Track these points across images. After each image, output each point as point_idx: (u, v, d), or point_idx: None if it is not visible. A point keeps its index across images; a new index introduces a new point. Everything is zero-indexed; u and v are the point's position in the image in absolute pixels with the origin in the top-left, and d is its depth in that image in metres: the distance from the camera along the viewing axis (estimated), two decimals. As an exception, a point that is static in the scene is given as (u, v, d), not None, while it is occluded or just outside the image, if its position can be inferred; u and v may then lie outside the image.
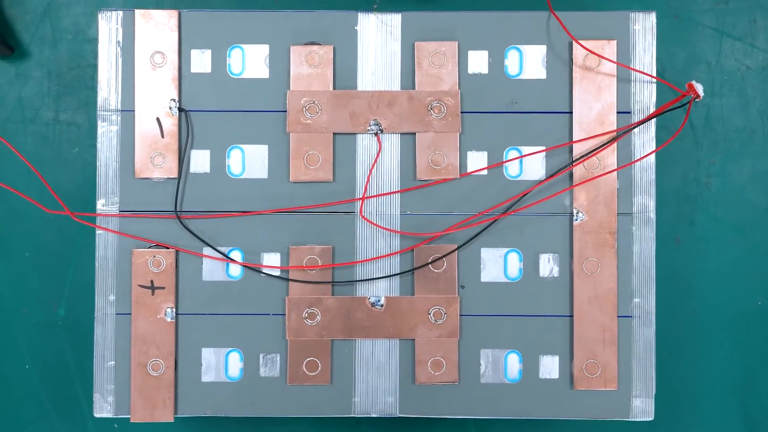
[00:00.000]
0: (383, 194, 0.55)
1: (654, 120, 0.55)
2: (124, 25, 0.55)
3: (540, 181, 0.55)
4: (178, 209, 0.55)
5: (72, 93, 0.63)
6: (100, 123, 0.55)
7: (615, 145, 0.55)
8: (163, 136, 0.55)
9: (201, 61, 0.55)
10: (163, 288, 0.55)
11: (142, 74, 0.55)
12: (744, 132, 0.64)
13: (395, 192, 0.55)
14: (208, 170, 0.55)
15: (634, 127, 0.54)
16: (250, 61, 0.55)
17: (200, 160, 0.55)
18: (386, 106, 0.55)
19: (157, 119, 0.55)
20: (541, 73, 0.55)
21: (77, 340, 0.63)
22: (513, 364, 0.55)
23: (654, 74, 0.55)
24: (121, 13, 0.55)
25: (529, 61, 0.55)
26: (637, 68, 0.55)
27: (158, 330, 0.54)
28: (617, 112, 0.55)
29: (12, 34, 0.63)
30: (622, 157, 0.55)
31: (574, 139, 0.55)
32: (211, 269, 0.55)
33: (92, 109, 0.63)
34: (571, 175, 0.55)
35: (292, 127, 0.55)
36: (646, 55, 0.55)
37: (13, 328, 0.63)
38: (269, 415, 0.55)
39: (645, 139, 0.55)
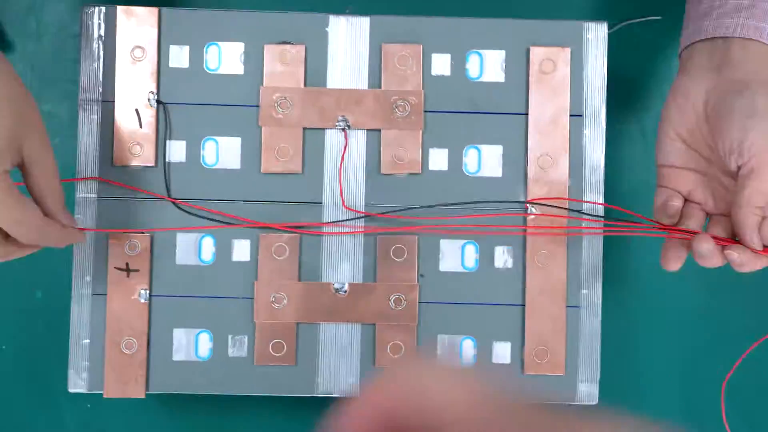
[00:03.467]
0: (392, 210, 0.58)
1: (604, 119, 0.59)
2: (107, 20, 0.58)
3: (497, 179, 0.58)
4: (156, 195, 0.57)
5: (54, 86, 0.66)
6: (81, 112, 0.58)
7: (567, 144, 0.58)
8: (141, 127, 0.58)
9: (179, 56, 0.58)
10: (138, 270, 0.57)
11: (122, 68, 0.58)
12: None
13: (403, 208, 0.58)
14: (183, 160, 0.58)
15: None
16: (226, 57, 0.58)
17: (176, 150, 0.58)
18: (354, 104, 0.58)
19: (136, 110, 0.58)
20: (500, 77, 0.59)
21: (54, 323, 0.65)
22: (468, 349, 0.59)
23: (605, 81, 0.59)
24: (103, 8, 0.58)
25: (489, 65, 0.59)
26: (589, 74, 0.59)
27: (132, 310, 0.57)
28: (570, 115, 0.59)
29: (-3, 28, 0.66)
30: (574, 155, 0.59)
31: (528, 139, 0.58)
32: (185, 254, 0.58)
33: (74, 102, 0.65)
34: (525, 174, 0.59)
35: (265, 121, 0.58)
36: (597, 62, 0.59)
37: (-9, 309, 0.65)
38: (237, 393, 0.58)
39: (595, 138, 0.59)
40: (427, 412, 0.30)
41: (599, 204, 0.58)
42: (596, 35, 0.59)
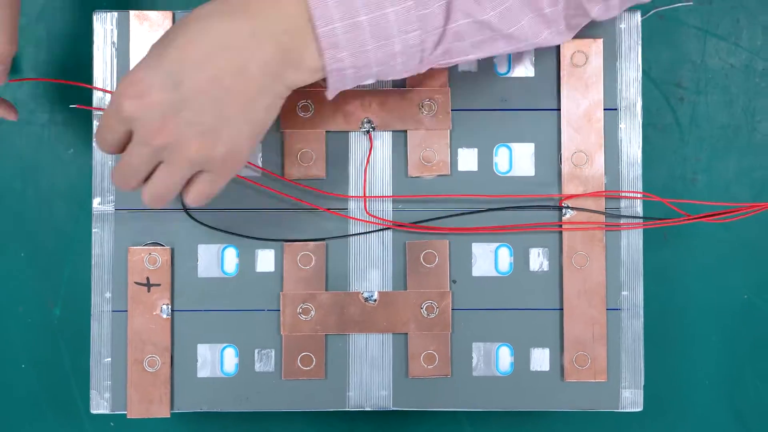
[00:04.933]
0: (416, 196, 0.56)
1: (640, 112, 0.56)
2: (119, 26, 0.56)
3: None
4: (175, 207, 0.55)
5: (66, 95, 0.64)
6: (95, 121, 0.56)
7: (602, 139, 0.56)
8: (158, 135, 0.55)
9: (195, 61, 0.56)
10: (159, 285, 0.55)
11: (137, 74, 0.56)
12: (729, 129, 0.65)
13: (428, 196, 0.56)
14: (202, 168, 0.56)
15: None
16: (244, 60, 0.56)
17: (195, 159, 0.56)
18: (378, 105, 0.56)
19: (152, 118, 0.55)
20: (529, 71, 0.56)
21: (73, 339, 0.63)
22: (504, 357, 0.56)
23: (639, 72, 0.56)
24: (115, 14, 0.56)
25: (518, 60, 0.56)
26: (623, 66, 0.56)
27: (154, 326, 0.55)
28: (604, 109, 0.56)
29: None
30: (610, 151, 0.56)
31: (562, 136, 0.56)
32: (207, 266, 0.56)
33: (87, 111, 0.63)
34: (559, 172, 0.56)
35: (286, 125, 0.56)
36: (631, 53, 0.56)
37: (9, 327, 0.64)
38: (264, 410, 0.55)
39: (632, 132, 0.56)
40: None
41: (639, 196, 0.56)
42: (629, 25, 0.56)
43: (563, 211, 0.56)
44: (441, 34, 0.46)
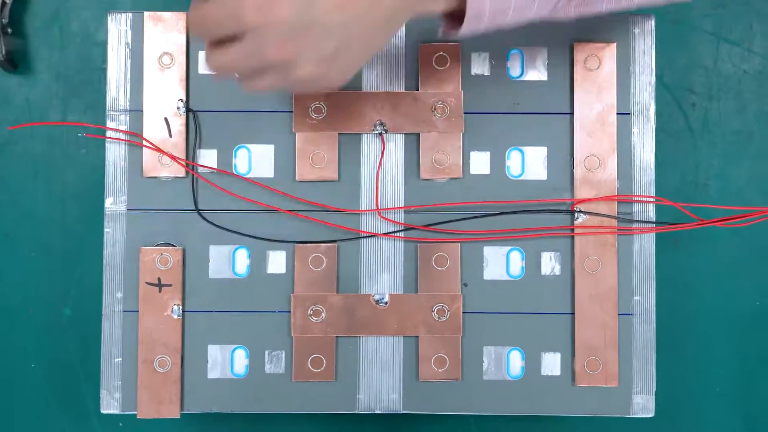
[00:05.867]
0: (430, 205, 0.56)
1: (654, 116, 0.56)
2: (133, 26, 0.56)
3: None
4: (187, 207, 0.55)
5: (79, 95, 0.64)
6: (108, 123, 0.56)
7: (615, 143, 0.56)
8: (170, 136, 0.56)
9: (208, 62, 0.56)
10: (170, 285, 0.55)
11: (150, 75, 0.56)
12: (741, 135, 0.65)
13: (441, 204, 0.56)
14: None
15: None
16: (257, 62, 0.56)
17: (207, 160, 0.56)
18: (390, 107, 0.56)
19: (165, 119, 0.56)
20: (542, 75, 0.56)
21: (83, 339, 0.63)
22: (515, 361, 0.56)
23: (653, 76, 0.56)
24: (130, 15, 0.56)
25: (531, 64, 0.56)
26: (637, 70, 0.56)
27: (165, 327, 0.55)
28: (617, 113, 0.56)
29: (15, 52, 0.64)
30: (623, 155, 0.56)
31: (574, 139, 0.56)
32: (218, 267, 0.56)
33: (99, 112, 0.64)
34: (571, 176, 0.56)
35: (298, 127, 0.56)
36: (645, 57, 0.56)
37: (20, 327, 0.64)
38: (274, 412, 0.55)
39: (645, 136, 0.56)
40: None
41: (651, 200, 0.56)
42: (643, 29, 0.56)
43: (575, 215, 0.56)
44: None
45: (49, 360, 0.64)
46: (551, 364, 0.56)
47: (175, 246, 0.55)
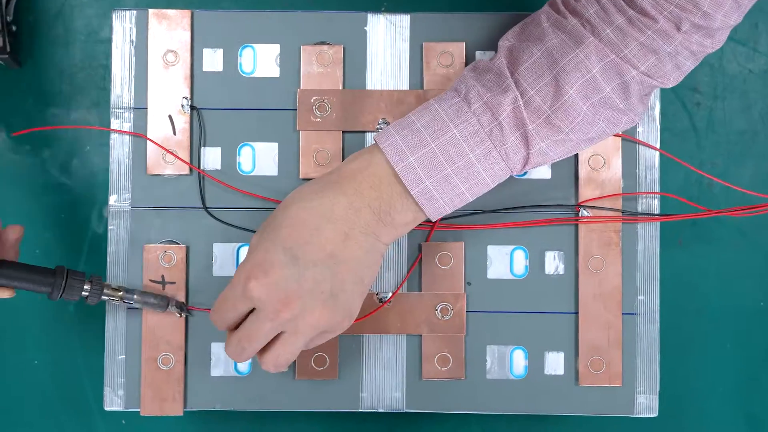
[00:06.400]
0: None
1: (658, 115, 0.56)
2: (138, 24, 0.56)
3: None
4: (191, 204, 0.55)
5: (83, 93, 0.64)
6: (113, 120, 0.56)
7: (619, 142, 0.56)
8: (175, 134, 0.56)
9: (213, 60, 0.56)
10: (174, 283, 0.55)
11: (154, 73, 0.56)
12: (746, 134, 0.65)
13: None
14: (219, 167, 0.56)
15: None
16: (261, 60, 0.56)
17: (212, 158, 0.56)
18: (395, 105, 0.56)
19: (170, 117, 0.56)
20: (547, 74, 0.56)
21: (86, 337, 0.63)
22: (519, 360, 0.56)
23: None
24: (134, 12, 0.56)
25: (536, 62, 0.56)
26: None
27: (169, 324, 0.55)
28: (622, 112, 0.56)
29: (21, 49, 0.64)
30: (627, 154, 0.56)
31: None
32: (222, 264, 0.56)
33: (103, 109, 0.64)
34: (576, 175, 0.56)
35: (302, 125, 0.56)
36: (650, 57, 0.56)
37: (23, 324, 0.64)
38: (277, 410, 0.55)
39: (649, 136, 0.56)
40: None
41: (656, 194, 0.55)
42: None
43: (579, 212, 0.56)
44: (525, 158, 0.49)
45: (52, 357, 0.64)
46: (555, 363, 0.56)
47: (179, 243, 0.56)
